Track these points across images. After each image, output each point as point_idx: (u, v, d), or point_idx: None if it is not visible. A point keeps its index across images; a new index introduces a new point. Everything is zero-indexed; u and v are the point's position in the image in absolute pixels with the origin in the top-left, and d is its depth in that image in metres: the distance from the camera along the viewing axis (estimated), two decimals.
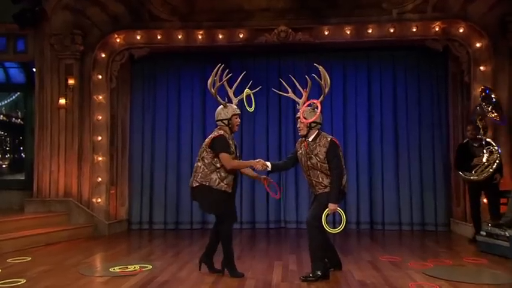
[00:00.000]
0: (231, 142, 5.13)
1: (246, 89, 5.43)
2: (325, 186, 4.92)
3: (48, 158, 8.80)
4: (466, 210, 8.40)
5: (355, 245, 7.53)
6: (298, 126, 5.00)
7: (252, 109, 5.44)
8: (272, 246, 7.47)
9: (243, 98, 5.37)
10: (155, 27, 8.86)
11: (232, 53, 9.12)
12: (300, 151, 5.02)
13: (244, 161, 5.40)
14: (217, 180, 5.01)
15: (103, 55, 9.00)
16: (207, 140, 5.19)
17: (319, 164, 4.84)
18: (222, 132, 5.13)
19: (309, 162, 4.91)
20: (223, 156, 5.02)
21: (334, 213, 4.97)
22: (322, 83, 5.04)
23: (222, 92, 5.36)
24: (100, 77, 8.96)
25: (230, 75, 5.38)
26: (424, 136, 9.19)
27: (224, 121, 5.17)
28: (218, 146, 5.04)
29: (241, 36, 8.78)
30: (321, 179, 4.87)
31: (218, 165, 5.05)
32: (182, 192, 9.31)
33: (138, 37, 8.99)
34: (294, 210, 9.31)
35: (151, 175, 9.54)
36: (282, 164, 5.35)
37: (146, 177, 9.53)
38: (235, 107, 5.25)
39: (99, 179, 8.87)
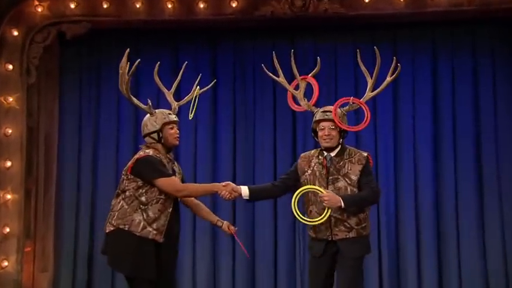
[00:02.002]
0: (167, 164, 4.81)
1: (197, 88, 5.32)
2: (351, 229, 4.47)
3: None
4: None
5: None
6: (326, 134, 4.72)
7: (191, 116, 5.36)
8: None
9: (191, 101, 5.29)
10: None
11: (220, 31, 8.31)
12: (309, 171, 4.74)
13: (202, 185, 5.34)
14: (142, 224, 4.62)
15: (15, 33, 7.94)
16: (128, 163, 4.82)
17: (349, 188, 4.60)
18: (150, 151, 4.79)
19: (331, 187, 4.63)
20: (163, 181, 4.64)
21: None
22: (375, 72, 4.86)
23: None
24: (10, 67, 7.95)
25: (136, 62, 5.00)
26: None
27: (153, 135, 4.86)
28: (147, 170, 4.65)
29: (233, 5, 7.97)
30: (345, 215, 4.50)
31: (143, 199, 4.67)
32: None
33: (72, 5, 7.93)
34: None
35: (91, 222, 8.24)
36: (266, 189, 4.97)
37: (84, 226, 8.16)
38: (167, 112, 5.03)
39: (7, 230, 7.77)
